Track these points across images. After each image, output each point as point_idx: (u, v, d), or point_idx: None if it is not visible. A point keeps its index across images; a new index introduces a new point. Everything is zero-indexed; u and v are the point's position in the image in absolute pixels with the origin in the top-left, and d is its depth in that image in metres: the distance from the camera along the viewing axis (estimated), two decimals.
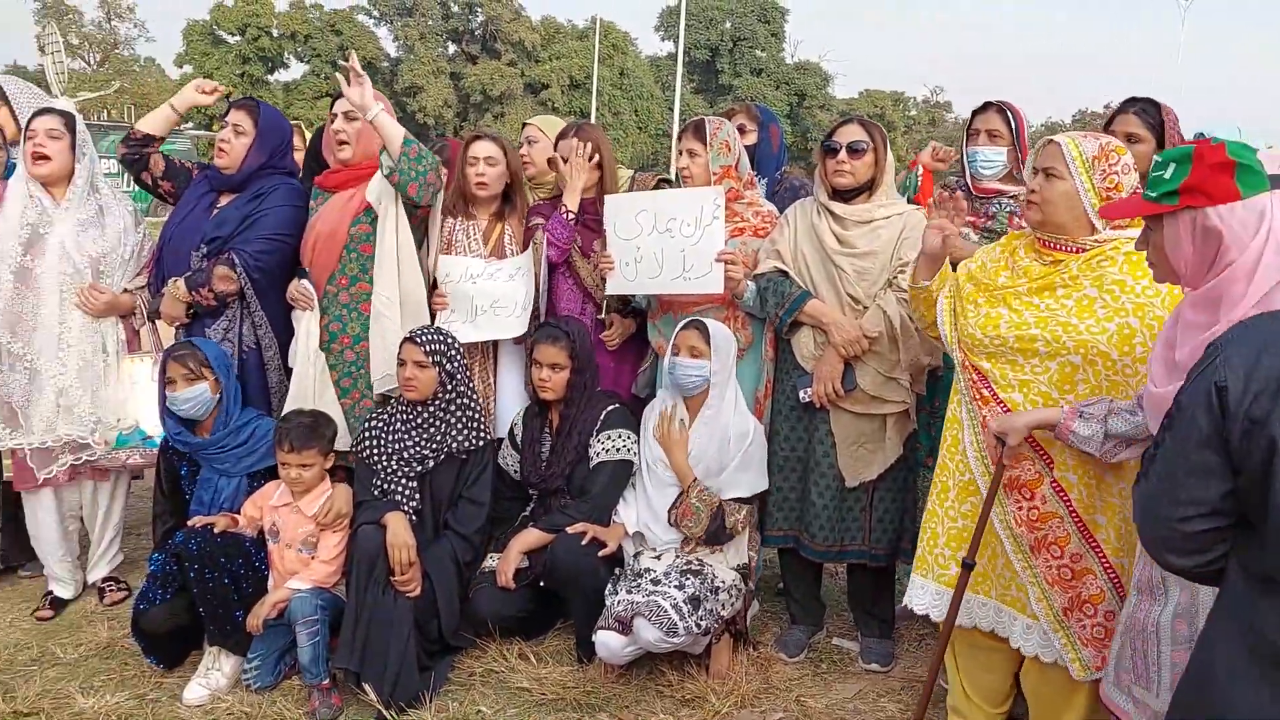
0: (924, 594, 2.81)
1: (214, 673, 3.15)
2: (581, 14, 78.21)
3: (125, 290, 3.67)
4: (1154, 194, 1.96)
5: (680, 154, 3.59)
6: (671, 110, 38.93)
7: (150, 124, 3.78)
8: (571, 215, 3.69)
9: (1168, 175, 1.94)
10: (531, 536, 3.42)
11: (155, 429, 3.49)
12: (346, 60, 3.53)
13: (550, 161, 3.95)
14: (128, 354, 3.66)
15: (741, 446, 3.31)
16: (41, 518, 3.67)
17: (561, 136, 3.91)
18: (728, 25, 51.65)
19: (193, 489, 3.41)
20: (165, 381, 3.34)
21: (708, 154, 3.52)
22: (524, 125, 4.21)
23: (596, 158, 3.73)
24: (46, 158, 3.54)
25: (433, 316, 3.72)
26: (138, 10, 53.05)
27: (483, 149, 3.76)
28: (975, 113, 3.52)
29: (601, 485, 3.44)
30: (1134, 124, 3.31)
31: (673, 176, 4.26)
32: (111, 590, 3.80)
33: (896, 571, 3.57)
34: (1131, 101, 3.37)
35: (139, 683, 3.19)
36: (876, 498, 3.34)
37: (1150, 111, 3.32)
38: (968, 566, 2.64)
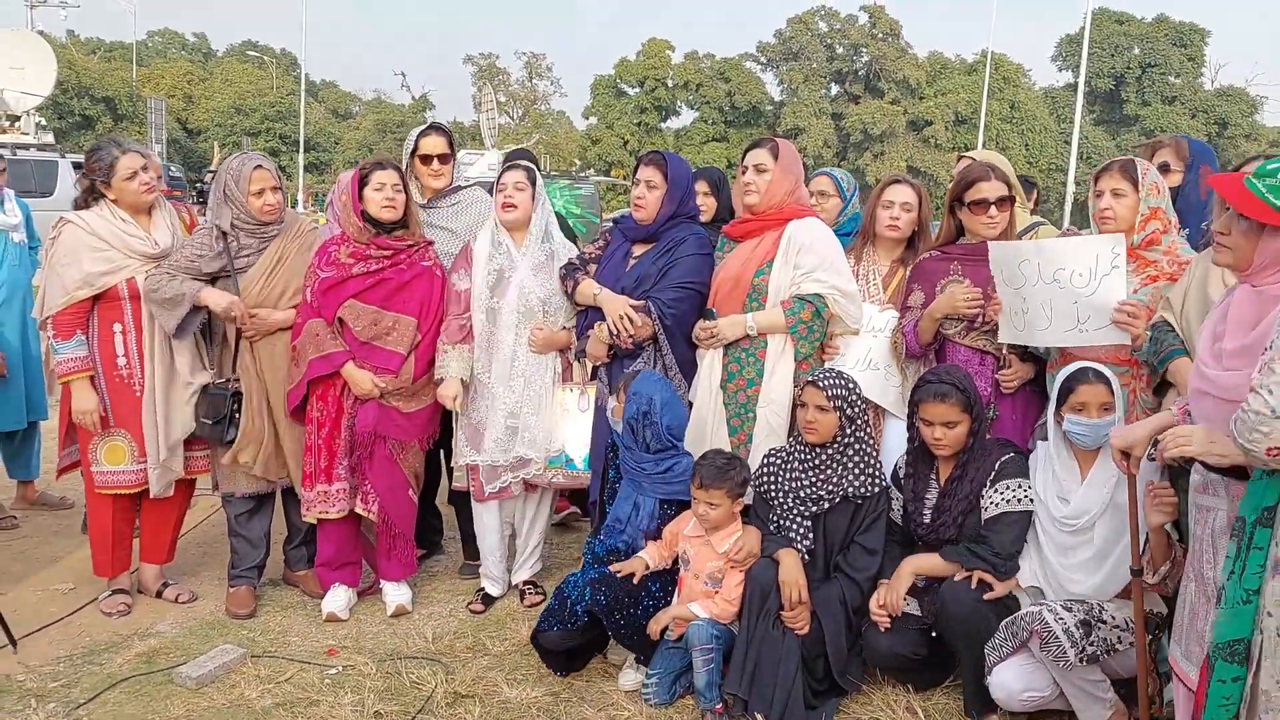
0: None
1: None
2: (971, 48, 75.67)
3: (563, 328, 4.07)
4: None
5: (1101, 194, 3.38)
6: (1067, 144, 36.51)
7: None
8: (933, 345, 3.68)
9: None
10: (927, 561, 3.34)
11: (579, 454, 3.85)
12: None
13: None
14: (561, 384, 4.06)
15: None
16: (487, 522, 4.16)
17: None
18: (1136, 51, 47.66)
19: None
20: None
21: (1137, 195, 3.30)
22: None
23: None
24: (514, 206, 4.01)
25: None
26: (554, 68, 59.25)
27: (898, 194, 3.83)
28: None
29: (1010, 536, 3.25)
30: None
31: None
32: (531, 593, 4.20)
33: None
34: None
35: (552, 681, 3.51)
36: None
37: None
38: (1135, 574, 2.79)
